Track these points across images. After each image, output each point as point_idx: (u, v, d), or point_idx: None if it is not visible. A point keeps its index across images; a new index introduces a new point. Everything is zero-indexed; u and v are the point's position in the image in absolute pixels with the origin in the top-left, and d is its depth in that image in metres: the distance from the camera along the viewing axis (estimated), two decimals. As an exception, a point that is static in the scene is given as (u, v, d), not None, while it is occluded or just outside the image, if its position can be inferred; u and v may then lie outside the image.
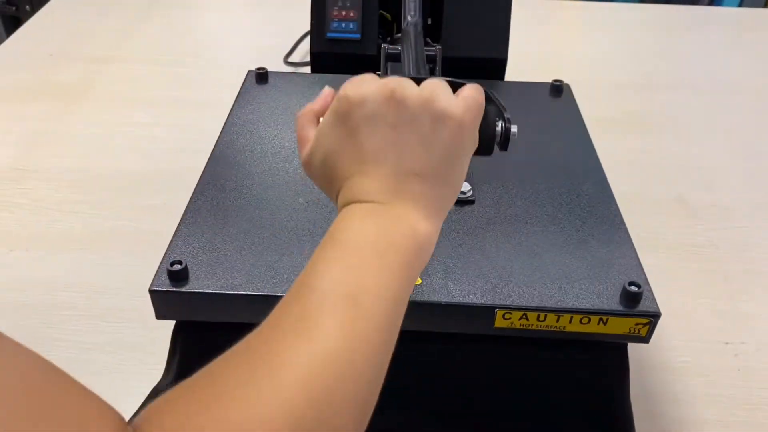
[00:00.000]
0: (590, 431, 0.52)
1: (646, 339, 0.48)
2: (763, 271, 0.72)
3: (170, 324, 0.61)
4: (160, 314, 0.49)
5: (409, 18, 0.63)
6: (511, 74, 0.79)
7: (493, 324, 0.48)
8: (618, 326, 0.48)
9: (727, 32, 1.24)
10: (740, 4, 1.88)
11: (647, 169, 0.86)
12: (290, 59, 1.03)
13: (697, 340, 0.64)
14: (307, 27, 1.11)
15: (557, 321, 0.47)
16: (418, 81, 0.45)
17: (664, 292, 0.70)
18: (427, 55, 0.62)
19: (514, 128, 0.42)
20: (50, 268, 0.69)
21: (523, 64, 0.87)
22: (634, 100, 1.01)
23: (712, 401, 0.58)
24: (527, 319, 0.48)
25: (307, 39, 1.10)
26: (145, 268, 0.68)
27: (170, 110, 0.93)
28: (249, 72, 0.74)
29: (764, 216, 0.79)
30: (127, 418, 0.52)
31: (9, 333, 0.58)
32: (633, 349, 0.52)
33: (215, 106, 0.94)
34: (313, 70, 0.80)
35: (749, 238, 0.76)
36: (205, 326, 0.50)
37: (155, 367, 0.57)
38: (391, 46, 0.64)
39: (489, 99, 0.44)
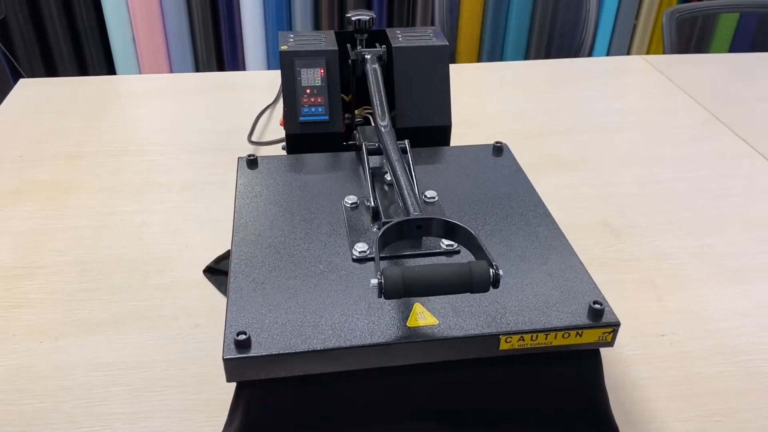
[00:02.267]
0: (581, 422, 0.66)
1: (611, 344, 0.62)
2: (680, 275, 0.89)
3: (211, 385, 0.71)
4: (231, 378, 0.58)
5: (381, 125, 0.77)
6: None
7: (498, 347, 0.61)
8: (590, 336, 0.62)
9: (610, 79, 1.46)
10: (608, 53, 2.15)
11: (573, 202, 1.03)
12: (252, 138, 1.15)
13: (640, 335, 0.79)
14: (253, 106, 1.25)
15: (546, 338, 0.61)
16: (419, 221, 0.62)
17: (608, 300, 0.86)
18: (400, 147, 0.76)
19: (501, 272, 0.55)
20: (82, 352, 0.76)
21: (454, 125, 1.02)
22: (549, 144, 1.19)
23: (660, 382, 0.73)
24: (523, 340, 0.61)
25: (262, 118, 1.23)
26: (170, 340, 0.78)
27: (153, 196, 1.02)
28: (240, 158, 0.85)
29: (670, 230, 0.97)
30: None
31: (67, 417, 0.67)
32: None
33: (194, 186, 1.05)
34: (288, 148, 0.92)
35: (663, 249, 0.93)
36: (264, 381, 0.60)
37: (210, 423, 0.66)
38: (369, 144, 0.78)
39: (481, 249, 0.58)
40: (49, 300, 0.83)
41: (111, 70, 2.06)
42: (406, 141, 0.79)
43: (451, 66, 1.62)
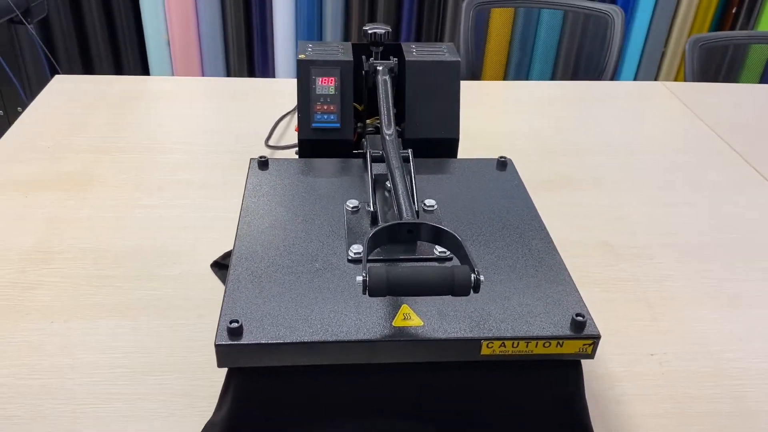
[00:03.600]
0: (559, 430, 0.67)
1: (591, 355, 0.64)
2: (676, 297, 0.90)
3: (209, 373, 0.74)
4: (222, 363, 0.61)
5: (386, 133, 0.80)
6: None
7: (480, 352, 0.63)
8: (571, 347, 0.63)
9: (628, 103, 1.47)
10: (635, 78, 2.16)
11: (577, 220, 1.05)
12: (270, 143, 1.19)
13: (629, 353, 0.81)
14: (277, 111, 1.29)
15: (527, 346, 0.63)
16: (409, 225, 0.64)
17: (600, 317, 0.87)
18: (402, 156, 0.78)
19: (482, 277, 0.57)
20: (90, 335, 0.79)
21: (465, 136, 1.04)
22: (560, 163, 1.21)
23: (645, 399, 0.75)
24: (505, 347, 0.63)
25: (281, 124, 1.27)
26: (175, 329, 0.82)
27: (171, 193, 1.06)
28: (252, 159, 0.88)
29: (673, 253, 0.98)
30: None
31: (69, 393, 0.70)
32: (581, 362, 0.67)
33: (211, 186, 1.09)
34: (300, 152, 0.95)
35: (663, 271, 0.94)
36: (252, 369, 0.63)
37: (204, 408, 0.69)
38: (373, 151, 0.81)
39: (465, 255, 0.60)
40: (63, 284, 0.87)
41: (146, 71, 2.13)
42: (410, 150, 0.81)
43: (473, 83, 1.65)
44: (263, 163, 0.88)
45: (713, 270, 0.95)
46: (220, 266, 0.90)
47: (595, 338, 0.62)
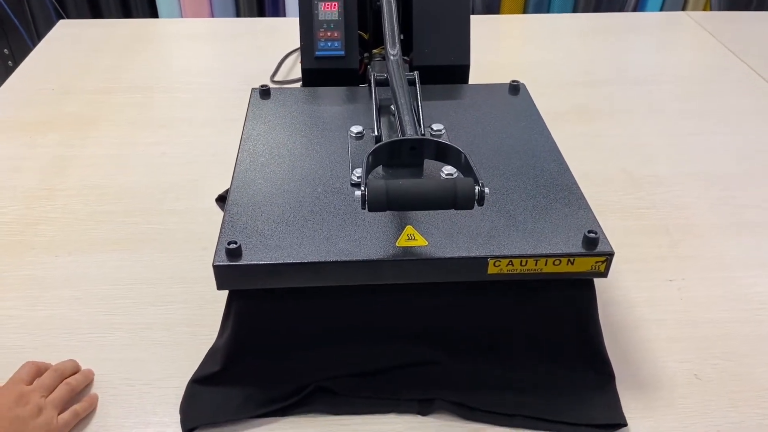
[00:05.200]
0: (570, 354, 0.65)
1: (604, 274, 0.61)
2: (696, 224, 0.86)
3: (212, 303, 0.73)
4: (221, 285, 0.59)
5: (390, 53, 0.76)
6: (473, 79, 0.93)
7: (486, 271, 0.60)
8: (582, 265, 0.61)
9: (651, 34, 1.41)
10: (661, 8, 2.07)
11: (595, 150, 1.01)
12: (276, 78, 1.16)
13: (648, 279, 0.78)
14: (285, 51, 1.25)
15: (536, 264, 0.60)
16: (411, 142, 0.60)
17: (618, 244, 0.84)
18: (408, 79, 0.74)
19: (486, 190, 0.54)
20: (94, 267, 0.78)
21: (482, 70, 1.01)
22: (579, 94, 1.16)
23: (663, 324, 0.72)
24: (512, 265, 0.60)
25: (288, 60, 1.23)
26: (179, 261, 0.80)
27: (175, 131, 1.04)
28: (253, 89, 0.85)
29: (691, 181, 0.94)
30: (188, 376, 0.64)
31: (73, 323, 0.69)
32: (597, 288, 0.64)
33: (215, 123, 1.06)
34: (304, 84, 0.92)
35: (682, 199, 0.91)
36: (253, 292, 0.61)
37: (207, 336, 0.68)
38: (378, 74, 0.78)
39: (470, 168, 0.57)
40: (67, 219, 0.86)
41: (154, 14, 2.08)
42: (416, 73, 0.78)
43: (488, 17, 1.59)
44: (265, 92, 0.85)
45: (735, 197, 0.91)
46: (225, 200, 0.88)
47: (608, 255, 0.59)
